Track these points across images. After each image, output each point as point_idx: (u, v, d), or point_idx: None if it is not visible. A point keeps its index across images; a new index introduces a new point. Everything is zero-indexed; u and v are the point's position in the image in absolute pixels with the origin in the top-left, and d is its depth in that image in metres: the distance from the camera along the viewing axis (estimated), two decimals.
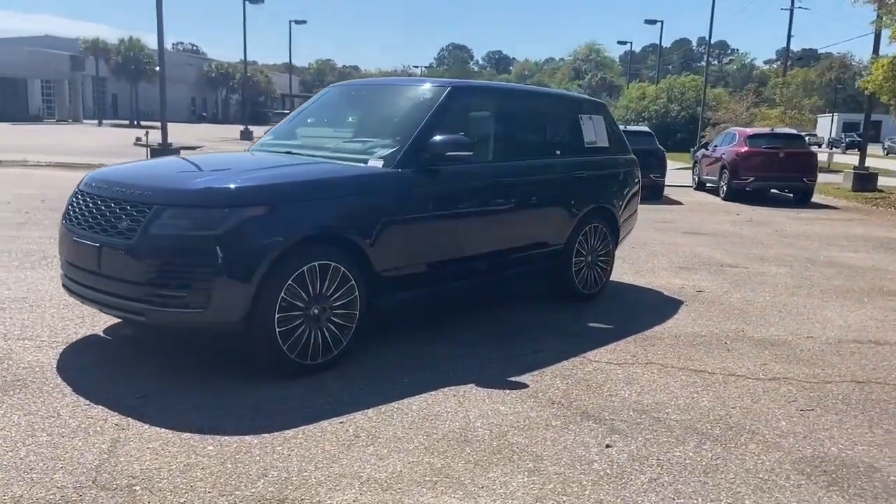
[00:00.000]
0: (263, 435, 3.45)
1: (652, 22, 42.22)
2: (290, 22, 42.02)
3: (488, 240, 5.30)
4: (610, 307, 6.17)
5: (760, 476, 3.25)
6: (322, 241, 4.24)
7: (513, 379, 4.34)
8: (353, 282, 4.37)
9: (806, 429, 3.79)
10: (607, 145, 6.53)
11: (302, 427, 3.55)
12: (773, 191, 16.87)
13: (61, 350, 4.51)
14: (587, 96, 7.56)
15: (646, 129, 19.08)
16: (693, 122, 38.05)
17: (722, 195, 16.70)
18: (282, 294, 4.02)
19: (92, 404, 3.72)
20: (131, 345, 4.74)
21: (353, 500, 2.90)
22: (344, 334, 4.39)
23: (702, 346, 5.15)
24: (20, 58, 53.55)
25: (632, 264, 8.12)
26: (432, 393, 4.07)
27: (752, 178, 15.90)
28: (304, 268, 4.11)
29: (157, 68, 20.56)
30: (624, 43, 50.80)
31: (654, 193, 16.25)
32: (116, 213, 4.07)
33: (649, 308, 6.18)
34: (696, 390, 4.28)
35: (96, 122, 51.88)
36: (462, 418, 3.74)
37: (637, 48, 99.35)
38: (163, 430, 3.46)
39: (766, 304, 6.48)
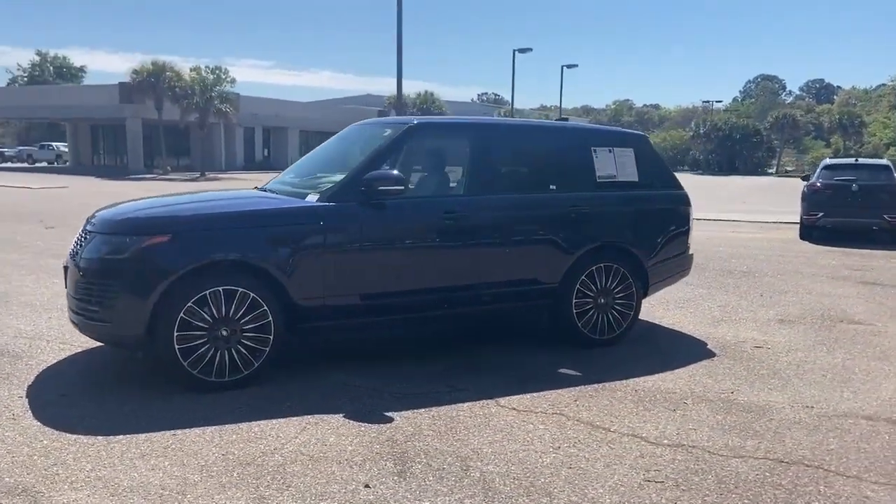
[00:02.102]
0: (98, 437, 3.92)
1: None
2: (562, 67, 43.31)
3: (444, 274, 5.27)
4: (615, 354, 5.65)
5: None
6: (227, 268, 4.65)
7: (388, 414, 4.32)
8: (266, 307, 4.70)
9: (619, 499, 3.28)
10: (635, 180, 6.02)
11: (135, 435, 3.95)
12: None
13: (72, 353, 5.45)
14: (615, 127, 6.97)
15: (884, 161, 16.24)
16: None
17: None
18: (181, 314, 4.50)
19: (22, 397, 4.53)
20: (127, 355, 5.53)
21: (74, 500, 3.24)
22: (256, 357, 4.72)
23: (650, 404, 4.56)
24: (340, 115, 61.87)
25: (726, 312, 7.23)
26: (293, 419, 4.23)
27: None
28: (207, 291, 4.55)
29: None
30: None
31: (895, 237, 13.80)
32: (81, 240, 4.91)
33: (660, 359, 5.54)
34: (558, 447, 3.88)
35: None
36: (279, 444, 3.87)
37: None
38: (36, 423, 4.12)
39: (818, 367, 5.42)
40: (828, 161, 15.71)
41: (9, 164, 53.42)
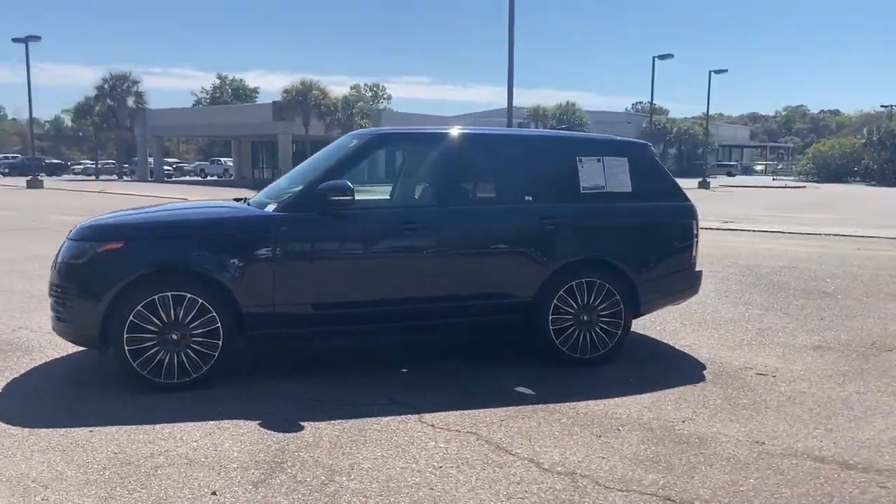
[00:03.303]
0: (25, 429, 4.18)
1: None
2: (709, 72, 41.22)
3: (403, 286, 5.20)
4: (592, 374, 5.29)
5: None
6: (175, 274, 4.85)
7: (302, 423, 4.32)
8: (214, 314, 4.86)
9: None
10: (628, 191, 5.63)
11: (58, 429, 4.17)
12: None
13: (77, 351, 5.87)
14: (610, 136, 6.45)
15: None
16: None
17: None
18: (130, 317, 4.75)
19: None
20: None
21: None
22: (205, 361, 4.88)
23: (580, 428, 4.26)
24: None
25: (762, 335, 6.58)
26: (210, 423, 4.32)
27: None
28: (156, 296, 4.77)
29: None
30: None
31: None
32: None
33: (638, 382, 5.14)
34: (440, 466, 3.72)
35: None
36: (173, 446, 3.97)
37: None
38: None
39: (814, 399, 4.82)
40: None
41: (186, 178, 59.09)
